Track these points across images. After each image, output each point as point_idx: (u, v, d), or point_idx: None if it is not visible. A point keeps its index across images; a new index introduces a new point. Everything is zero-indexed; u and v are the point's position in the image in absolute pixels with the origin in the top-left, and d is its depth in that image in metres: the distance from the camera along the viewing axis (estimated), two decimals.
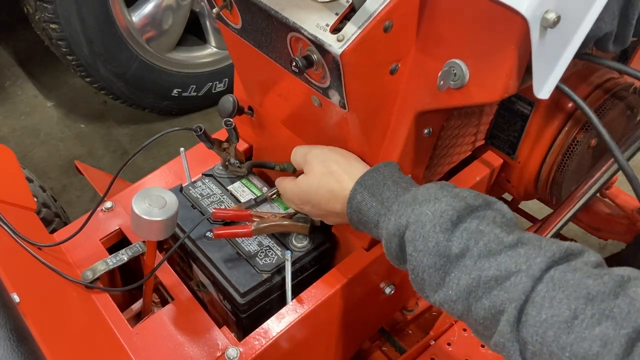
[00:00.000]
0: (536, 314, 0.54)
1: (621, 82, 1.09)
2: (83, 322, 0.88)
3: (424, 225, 0.63)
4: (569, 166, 1.08)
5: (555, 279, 0.55)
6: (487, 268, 0.58)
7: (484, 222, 0.62)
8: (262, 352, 0.84)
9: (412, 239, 0.64)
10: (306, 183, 0.84)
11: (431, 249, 0.62)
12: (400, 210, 0.67)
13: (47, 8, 1.82)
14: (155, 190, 0.84)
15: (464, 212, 0.63)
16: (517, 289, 0.55)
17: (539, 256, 0.57)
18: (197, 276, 1.01)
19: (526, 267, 0.56)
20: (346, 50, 0.67)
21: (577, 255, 0.58)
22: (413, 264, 0.64)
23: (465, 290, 0.59)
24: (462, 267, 0.60)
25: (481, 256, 0.59)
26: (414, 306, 1.20)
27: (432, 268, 0.62)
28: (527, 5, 0.57)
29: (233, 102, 1.02)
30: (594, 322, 0.50)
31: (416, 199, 0.67)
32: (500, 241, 0.60)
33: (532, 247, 0.58)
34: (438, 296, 0.63)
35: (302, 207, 0.89)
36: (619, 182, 1.50)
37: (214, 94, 2.32)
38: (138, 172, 2.08)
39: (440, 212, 0.63)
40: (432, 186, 0.68)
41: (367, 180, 0.75)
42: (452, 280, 0.61)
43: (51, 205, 1.28)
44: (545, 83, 0.66)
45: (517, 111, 1.08)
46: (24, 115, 2.38)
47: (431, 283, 0.63)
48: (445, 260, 0.61)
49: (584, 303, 0.52)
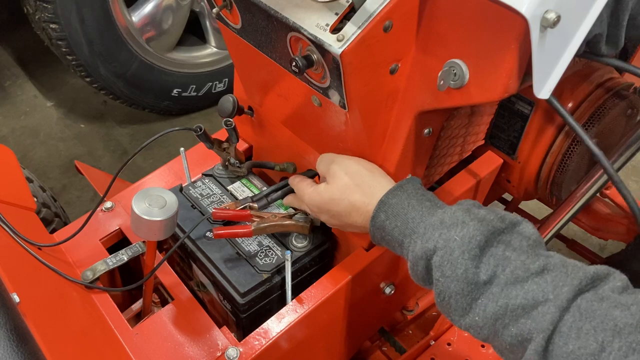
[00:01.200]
0: (563, 345, 0.54)
1: (621, 82, 1.09)
2: (83, 322, 0.88)
3: (452, 252, 0.63)
4: (569, 166, 1.08)
5: (582, 309, 0.55)
6: (514, 296, 0.58)
7: (510, 247, 0.62)
8: (262, 352, 0.84)
9: (440, 265, 0.64)
10: (329, 193, 0.82)
11: (459, 275, 0.62)
12: (427, 233, 0.67)
13: (47, 8, 1.82)
14: (155, 190, 0.84)
15: (491, 237, 0.63)
16: (545, 319, 0.56)
17: (565, 285, 0.57)
18: (197, 276, 1.01)
19: (554, 297, 0.56)
20: (346, 50, 0.67)
21: (604, 279, 0.58)
22: (440, 289, 0.65)
23: (492, 317, 0.60)
24: (489, 294, 0.60)
25: (508, 283, 0.59)
26: (414, 306, 1.20)
27: (460, 294, 0.62)
28: (527, 5, 0.57)
29: (233, 102, 1.02)
30: (621, 355, 0.50)
31: (443, 222, 0.67)
32: (526, 268, 0.60)
33: (559, 273, 0.59)
34: (464, 321, 0.63)
35: (318, 215, 0.87)
36: None
37: (214, 94, 2.32)
38: (138, 172, 2.08)
39: (468, 238, 0.63)
40: (459, 209, 0.68)
41: (391, 199, 0.74)
42: (479, 307, 0.61)
43: (51, 205, 1.28)
44: (545, 83, 0.66)
45: (517, 111, 1.08)
46: (24, 115, 2.38)
47: (457, 308, 0.63)
48: (473, 287, 0.61)
49: (611, 335, 0.52)
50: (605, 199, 1.42)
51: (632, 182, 2.08)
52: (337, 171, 0.82)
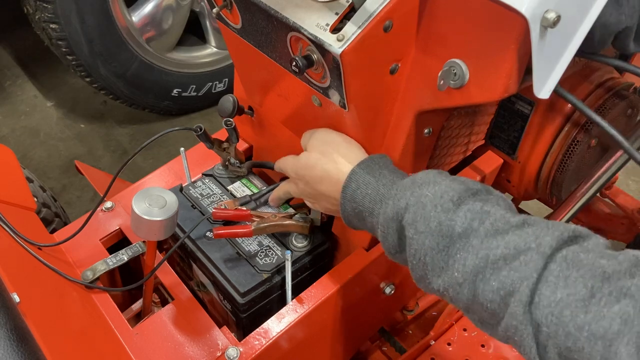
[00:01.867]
0: (550, 294, 0.51)
1: (622, 82, 1.09)
2: (83, 322, 0.88)
3: (424, 206, 0.61)
4: (569, 166, 1.08)
5: (568, 259, 0.53)
6: (494, 247, 0.56)
7: (488, 204, 0.61)
8: (262, 352, 0.84)
9: (413, 221, 0.62)
10: (305, 157, 0.83)
11: (433, 229, 0.60)
12: (399, 194, 0.65)
13: (47, 8, 1.82)
14: (155, 190, 0.84)
15: (465, 194, 0.62)
16: (528, 267, 0.53)
17: (547, 235, 0.55)
18: (197, 276, 1.01)
19: (536, 245, 0.54)
20: (346, 50, 0.67)
21: (586, 237, 0.56)
22: (414, 248, 0.62)
23: (472, 271, 0.57)
24: (468, 246, 0.58)
25: (488, 235, 0.57)
26: (414, 306, 1.20)
27: (435, 250, 0.60)
28: (527, 4, 0.57)
29: (233, 102, 1.02)
30: (612, 300, 0.48)
31: (415, 182, 0.66)
32: (506, 221, 0.58)
33: (540, 227, 0.57)
34: (442, 280, 0.60)
35: (296, 183, 0.87)
36: (619, 182, 1.50)
37: (214, 94, 2.32)
38: (138, 172, 2.08)
39: (440, 193, 0.62)
40: (430, 171, 0.67)
41: (362, 168, 0.74)
42: (458, 262, 0.58)
43: (51, 205, 1.28)
44: (545, 83, 0.66)
45: (517, 111, 1.08)
46: (24, 115, 2.38)
47: (434, 267, 0.60)
48: (449, 241, 0.59)
49: (600, 281, 0.50)
50: (605, 199, 1.42)
51: (632, 182, 2.08)
52: (317, 139, 0.83)
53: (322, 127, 0.87)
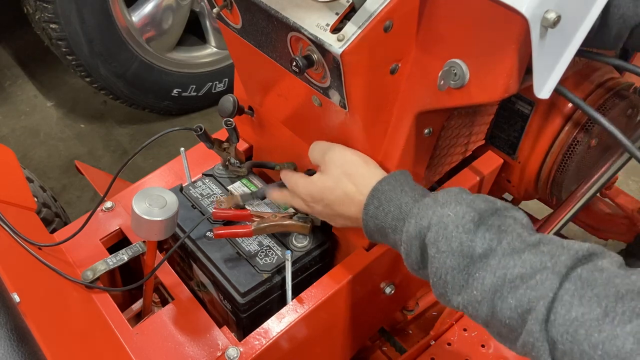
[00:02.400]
0: (565, 313, 0.53)
1: (622, 82, 1.09)
2: (83, 322, 0.88)
3: (446, 227, 0.63)
4: (569, 166, 1.08)
5: (582, 278, 0.54)
6: (512, 266, 0.58)
7: (506, 222, 0.63)
8: (262, 352, 0.84)
9: (435, 240, 0.64)
10: (322, 181, 0.82)
11: (455, 249, 0.62)
12: (421, 212, 0.67)
13: (47, 8, 1.82)
14: (155, 190, 0.84)
15: (485, 214, 0.64)
16: (544, 286, 0.55)
17: (563, 254, 0.57)
18: (197, 276, 1.01)
19: (552, 265, 0.56)
20: (346, 50, 0.67)
21: (600, 256, 0.58)
22: (435, 266, 0.64)
23: (491, 289, 0.59)
24: (487, 266, 0.60)
25: (505, 254, 0.59)
26: (414, 306, 1.20)
27: (456, 269, 0.62)
28: (527, 5, 0.57)
29: (233, 102, 1.02)
30: (625, 320, 0.50)
31: (437, 201, 0.67)
32: (522, 240, 0.60)
33: (555, 246, 0.59)
34: (462, 298, 0.63)
35: (312, 206, 0.85)
36: (619, 182, 1.50)
37: (214, 94, 2.32)
38: (138, 172, 2.08)
39: (462, 213, 0.63)
40: (451, 190, 0.69)
41: (383, 186, 0.74)
42: (477, 281, 0.60)
43: (51, 205, 1.28)
44: (545, 83, 0.66)
45: (517, 111, 1.08)
46: (24, 115, 2.38)
47: (454, 285, 0.63)
48: (469, 261, 0.61)
49: (614, 301, 0.51)
50: (605, 199, 1.42)
51: (632, 182, 2.08)
52: (332, 160, 0.82)
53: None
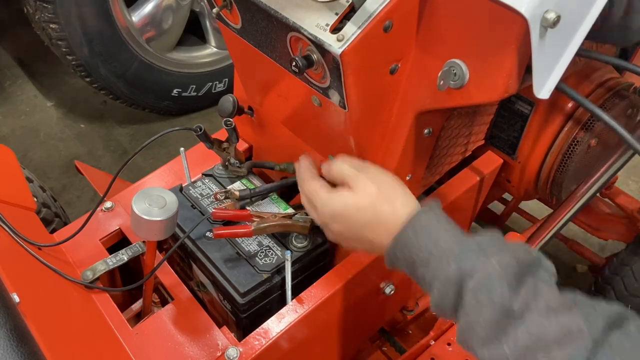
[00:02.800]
0: None
1: (622, 82, 1.09)
2: (83, 322, 0.88)
3: (490, 277, 0.62)
4: (569, 166, 1.08)
5: (613, 346, 0.56)
6: (547, 326, 0.58)
7: (540, 279, 0.62)
8: (262, 352, 0.84)
9: (475, 289, 0.62)
10: (355, 200, 0.74)
11: (495, 302, 0.61)
12: (463, 256, 0.65)
13: (47, 8, 1.82)
14: (155, 190, 0.84)
15: (524, 268, 0.63)
16: (579, 351, 0.55)
17: (598, 320, 0.57)
18: (197, 276, 1.01)
19: (586, 328, 0.56)
20: (346, 50, 0.67)
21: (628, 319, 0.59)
22: (470, 315, 0.63)
23: (523, 348, 0.58)
24: (522, 325, 0.59)
25: (541, 314, 0.59)
26: (414, 306, 1.20)
27: (489, 322, 0.61)
28: (527, 5, 0.57)
29: (233, 102, 1.02)
30: None
31: (481, 246, 0.65)
32: (558, 300, 0.60)
33: (587, 307, 0.59)
34: (487, 351, 0.61)
35: (329, 225, 0.78)
36: (619, 182, 1.50)
37: (214, 94, 2.32)
38: (138, 172, 2.08)
39: (505, 265, 0.62)
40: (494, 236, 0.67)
41: (422, 217, 0.71)
42: (510, 338, 0.59)
43: (51, 205, 1.28)
44: (545, 83, 0.66)
45: (517, 111, 1.08)
46: (24, 115, 2.38)
47: (483, 337, 0.61)
48: (505, 317, 0.60)
49: None
50: (605, 199, 1.42)
51: (632, 182, 2.08)
52: (365, 179, 0.75)
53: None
